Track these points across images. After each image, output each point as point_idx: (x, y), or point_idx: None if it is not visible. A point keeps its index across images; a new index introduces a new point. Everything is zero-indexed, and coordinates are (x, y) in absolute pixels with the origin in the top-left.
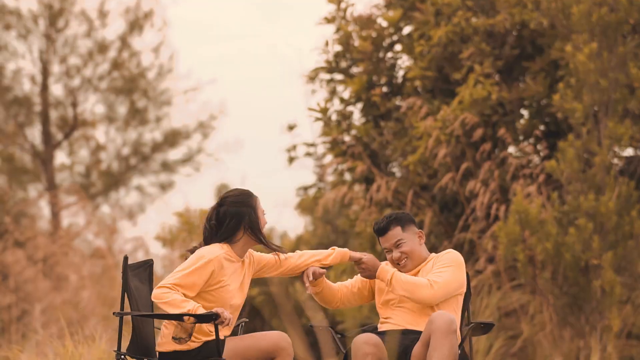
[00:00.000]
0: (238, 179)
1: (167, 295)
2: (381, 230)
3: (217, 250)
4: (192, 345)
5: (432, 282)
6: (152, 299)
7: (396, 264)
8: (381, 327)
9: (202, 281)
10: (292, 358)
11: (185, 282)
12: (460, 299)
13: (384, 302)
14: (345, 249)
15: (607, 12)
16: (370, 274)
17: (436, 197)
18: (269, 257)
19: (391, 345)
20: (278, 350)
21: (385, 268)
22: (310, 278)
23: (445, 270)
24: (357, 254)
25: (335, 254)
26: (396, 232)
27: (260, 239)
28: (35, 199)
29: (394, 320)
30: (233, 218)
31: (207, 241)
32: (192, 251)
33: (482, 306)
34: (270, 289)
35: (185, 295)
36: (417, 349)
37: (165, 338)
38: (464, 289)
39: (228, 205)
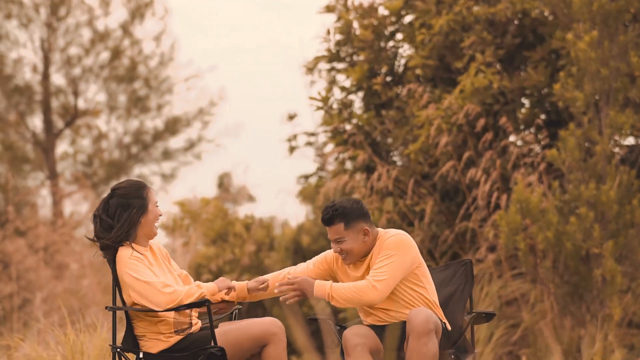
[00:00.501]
0: (240, 167)
1: (175, 295)
2: (324, 221)
3: (125, 252)
4: (176, 338)
5: (373, 283)
6: (170, 307)
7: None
8: (367, 322)
9: (151, 271)
10: (284, 343)
11: (157, 279)
12: (420, 270)
13: None
14: (242, 284)
15: (607, 1)
16: (304, 297)
17: (437, 185)
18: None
19: (393, 334)
20: (269, 336)
21: (321, 285)
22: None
23: (387, 262)
24: (252, 284)
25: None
26: (338, 228)
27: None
28: (37, 187)
29: (378, 319)
30: (122, 210)
31: (98, 234)
32: (105, 256)
33: (482, 295)
34: None
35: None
36: (405, 347)
37: (148, 342)
38: (416, 265)
39: (117, 197)
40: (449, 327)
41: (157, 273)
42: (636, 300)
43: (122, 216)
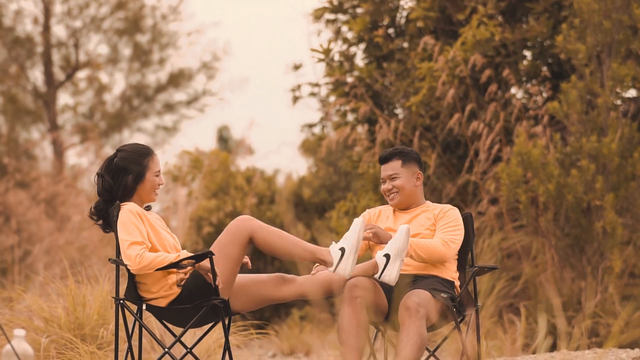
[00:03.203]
0: (242, 119)
1: (143, 259)
2: (382, 159)
3: (124, 206)
4: (178, 291)
5: (447, 242)
6: (136, 273)
7: (386, 195)
8: None
9: (144, 229)
10: (255, 220)
11: (139, 238)
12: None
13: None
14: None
15: None
16: (378, 240)
17: (438, 138)
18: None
19: (403, 291)
20: (238, 220)
21: None
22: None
23: (457, 230)
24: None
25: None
26: (395, 165)
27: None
28: (40, 139)
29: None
30: (120, 173)
31: (101, 194)
32: (95, 213)
33: (484, 247)
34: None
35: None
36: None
37: (153, 295)
38: None
39: (119, 159)
40: (456, 283)
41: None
42: (637, 252)
43: (119, 179)
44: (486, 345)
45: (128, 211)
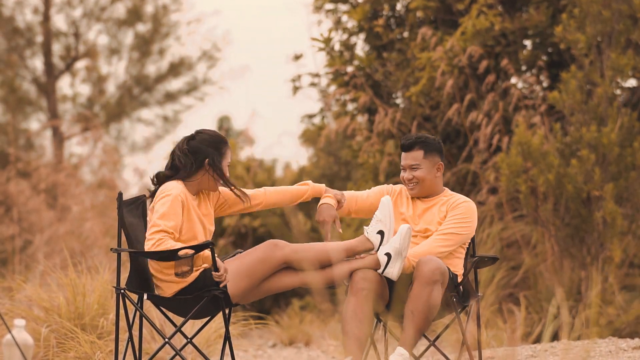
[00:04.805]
0: (242, 109)
1: (162, 245)
2: (405, 147)
3: (177, 185)
4: (189, 279)
5: (442, 236)
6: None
7: (405, 184)
8: None
9: (180, 218)
10: (289, 246)
11: (169, 226)
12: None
13: None
14: (321, 185)
15: None
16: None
17: (437, 127)
18: (231, 192)
19: (405, 285)
20: (272, 245)
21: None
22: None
23: (463, 223)
24: (335, 192)
25: (309, 191)
26: (417, 155)
27: (222, 179)
28: (40, 129)
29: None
30: (198, 154)
31: (169, 168)
32: (152, 194)
33: (484, 236)
34: (271, 220)
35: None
36: (409, 291)
37: (163, 284)
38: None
39: (198, 140)
40: (459, 278)
41: (196, 224)
42: (637, 242)
43: (191, 160)
44: (486, 335)
45: (177, 197)
